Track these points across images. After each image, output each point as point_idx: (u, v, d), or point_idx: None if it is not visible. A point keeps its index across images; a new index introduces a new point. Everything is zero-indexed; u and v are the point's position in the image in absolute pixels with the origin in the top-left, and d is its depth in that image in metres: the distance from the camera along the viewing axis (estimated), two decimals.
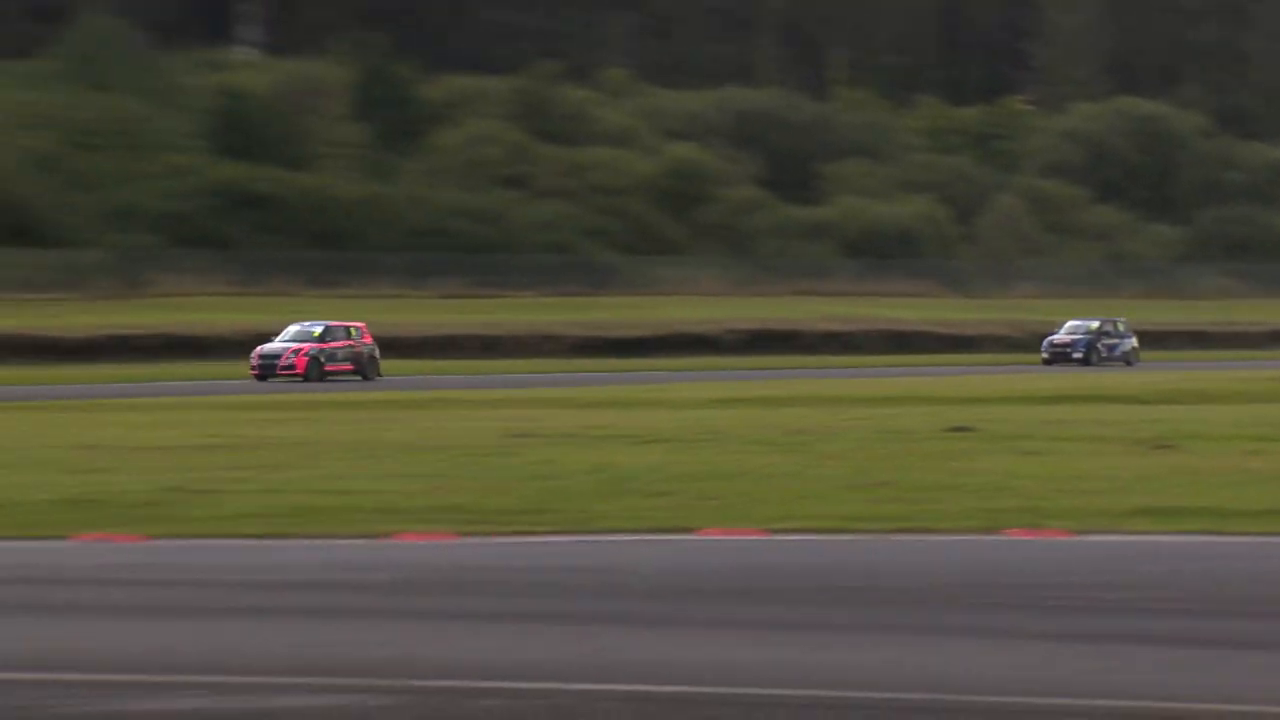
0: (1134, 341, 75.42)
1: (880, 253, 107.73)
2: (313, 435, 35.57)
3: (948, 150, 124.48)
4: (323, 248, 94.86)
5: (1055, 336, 74.93)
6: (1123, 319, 77.28)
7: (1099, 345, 73.90)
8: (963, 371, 67.56)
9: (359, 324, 63.33)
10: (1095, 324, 75.37)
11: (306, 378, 59.28)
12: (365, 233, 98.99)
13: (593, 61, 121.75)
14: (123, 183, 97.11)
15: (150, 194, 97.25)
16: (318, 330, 61.55)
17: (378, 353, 62.43)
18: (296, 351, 60.11)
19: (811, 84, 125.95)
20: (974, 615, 16.50)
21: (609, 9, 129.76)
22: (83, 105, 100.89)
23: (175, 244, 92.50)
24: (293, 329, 62.16)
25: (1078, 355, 72.99)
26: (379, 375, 61.48)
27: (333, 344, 61.26)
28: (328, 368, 60.50)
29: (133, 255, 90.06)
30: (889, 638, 15.40)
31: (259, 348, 61.27)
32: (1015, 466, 28.71)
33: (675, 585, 18.26)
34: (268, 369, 59.75)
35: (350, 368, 61.21)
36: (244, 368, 61.50)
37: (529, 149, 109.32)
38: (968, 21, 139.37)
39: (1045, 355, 73.94)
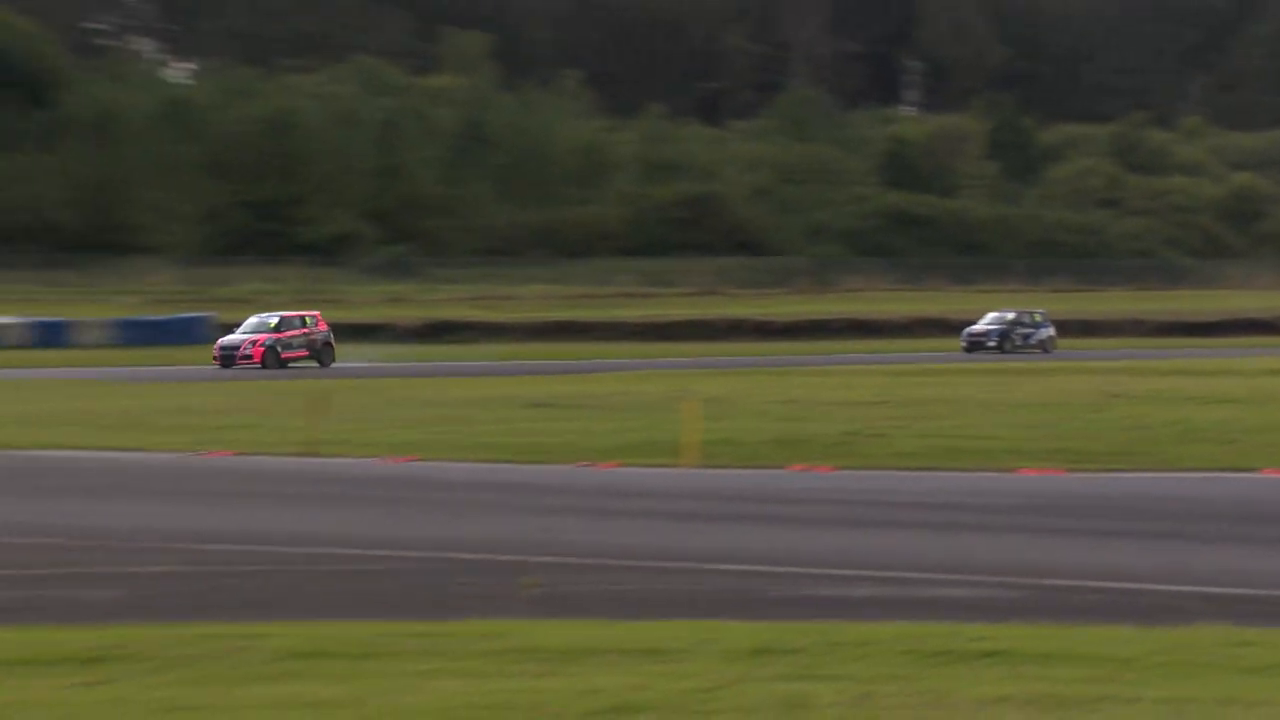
0: (1051, 330, 61.59)
1: None
2: (955, 394, 35.30)
3: None
4: (963, 255, 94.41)
5: (973, 327, 61.31)
6: (1040, 310, 63.60)
7: (1014, 334, 60.39)
8: None
9: (314, 313, 52.44)
10: (1011, 315, 61.67)
11: (264, 365, 48.80)
12: (995, 244, 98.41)
13: (1174, 111, 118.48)
14: (818, 208, 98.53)
15: (838, 216, 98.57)
16: (274, 321, 50.73)
17: (333, 339, 51.35)
18: (254, 342, 49.58)
19: None
20: None
21: (1187, 70, 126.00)
22: (790, 152, 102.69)
23: (855, 253, 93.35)
24: (252, 320, 51.71)
25: (992, 344, 59.65)
26: (334, 361, 50.54)
27: (288, 333, 50.24)
28: (284, 355, 49.56)
29: (824, 261, 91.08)
30: None
31: (220, 339, 50.95)
32: None
33: (1239, 513, 17.64)
34: (228, 359, 49.26)
35: (305, 354, 50.28)
36: (906, 345, 60.59)
37: (1122, 179, 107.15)
38: None
39: (964, 344, 60.03)
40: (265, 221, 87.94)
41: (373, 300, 75.74)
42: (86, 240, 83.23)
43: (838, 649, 10.02)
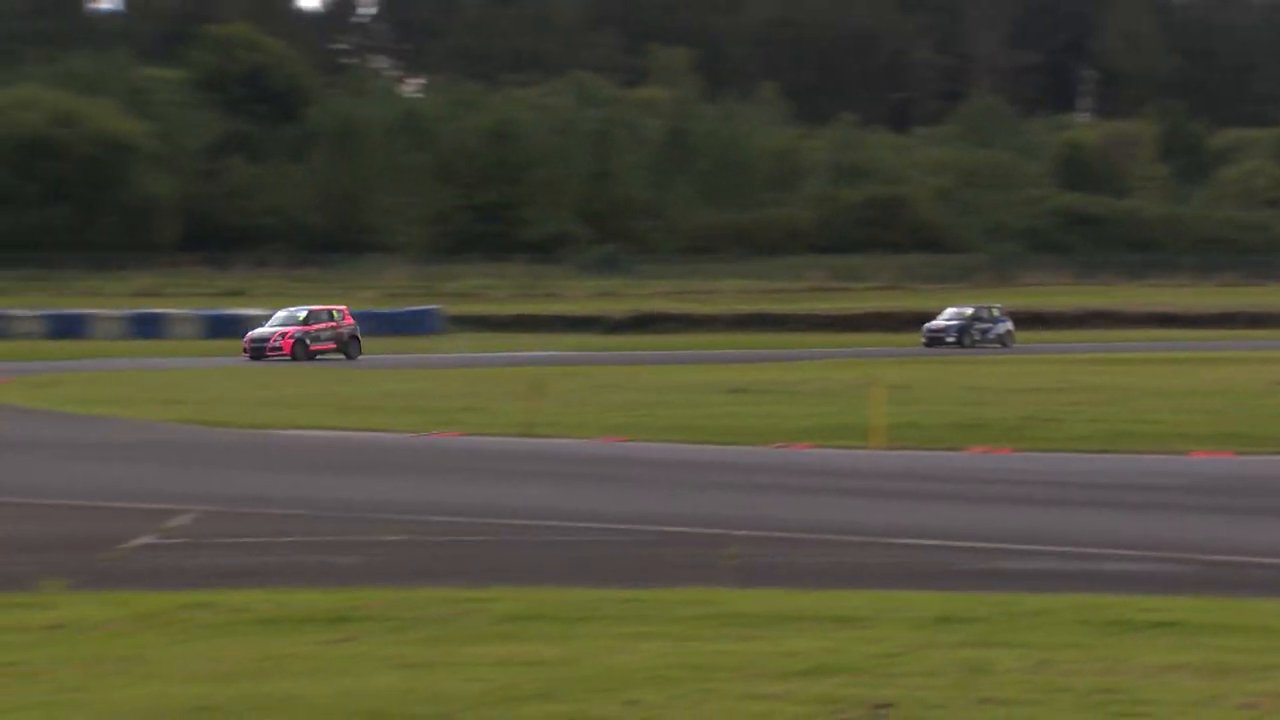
0: (1009, 325, 57.04)
1: None
2: (1126, 382, 34.66)
3: None
4: (1134, 252, 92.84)
5: (932, 323, 56.86)
6: (998, 305, 59.35)
7: (973, 330, 56.07)
8: None
9: (340, 307, 50.10)
10: (970, 310, 57.40)
11: (293, 357, 46.44)
12: (1165, 241, 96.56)
13: None
14: (997, 209, 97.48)
15: (1015, 216, 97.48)
16: (302, 314, 48.23)
17: (359, 332, 48.81)
18: (283, 335, 47.13)
19: None
20: None
21: None
22: (971, 156, 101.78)
23: (1032, 250, 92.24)
24: (281, 314, 49.01)
25: (951, 339, 55.44)
26: (359, 354, 48.01)
27: (316, 326, 47.77)
28: (312, 348, 47.18)
29: (1003, 258, 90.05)
30: None
31: (250, 332, 48.53)
32: None
33: None
34: (258, 351, 46.80)
35: (333, 346, 47.81)
36: (1078, 335, 59.33)
37: None
38: None
39: (924, 340, 56.02)
40: (488, 223, 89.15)
41: (586, 294, 76.36)
42: (330, 241, 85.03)
43: (1017, 618, 9.89)
